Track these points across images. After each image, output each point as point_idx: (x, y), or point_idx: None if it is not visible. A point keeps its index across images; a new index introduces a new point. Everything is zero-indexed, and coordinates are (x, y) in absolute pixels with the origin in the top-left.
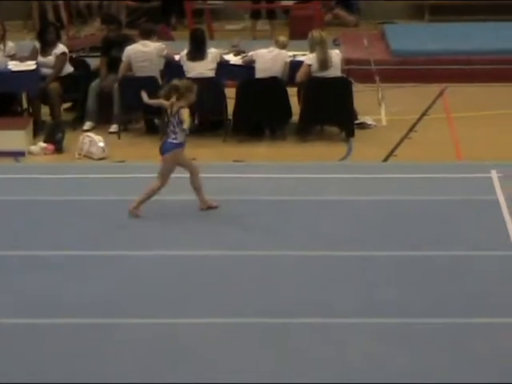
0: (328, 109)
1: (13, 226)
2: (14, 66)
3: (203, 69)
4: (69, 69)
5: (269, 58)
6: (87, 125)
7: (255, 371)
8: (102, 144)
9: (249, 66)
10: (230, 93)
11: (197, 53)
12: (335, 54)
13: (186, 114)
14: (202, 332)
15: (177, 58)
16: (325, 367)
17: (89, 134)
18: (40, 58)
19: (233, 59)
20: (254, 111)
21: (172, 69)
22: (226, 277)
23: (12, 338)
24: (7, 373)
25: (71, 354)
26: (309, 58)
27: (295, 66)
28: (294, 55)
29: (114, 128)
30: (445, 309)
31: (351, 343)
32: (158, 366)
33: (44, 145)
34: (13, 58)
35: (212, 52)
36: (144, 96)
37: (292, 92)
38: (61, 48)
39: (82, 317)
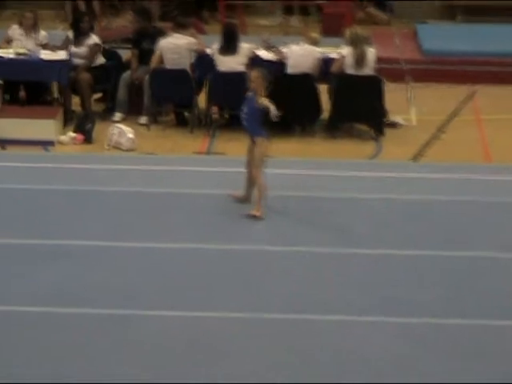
0: (358, 106)
1: (39, 214)
2: (45, 55)
3: (234, 63)
4: (100, 60)
5: (300, 55)
6: (117, 116)
7: (275, 367)
8: (131, 135)
9: (280, 62)
10: None
11: (229, 47)
12: (370, 53)
13: None
14: (223, 325)
15: (208, 51)
16: (344, 364)
17: (118, 125)
18: (73, 48)
19: (265, 55)
20: (285, 107)
21: (203, 62)
22: (247, 272)
23: (35, 326)
24: (28, 362)
25: (91, 344)
26: (345, 50)
27: (326, 62)
28: (326, 52)
29: (143, 120)
30: (465, 309)
31: (371, 341)
32: (176, 358)
33: (73, 135)
34: (45, 47)
35: (244, 47)
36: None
37: (323, 89)
38: (94, 39)
39: (103, 307)
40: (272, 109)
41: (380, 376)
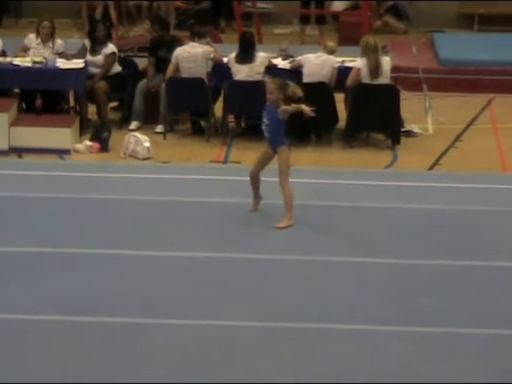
0: (375, 116)
1: (53, 223)
2: (62, 63)
3: (251, 72)
4: (117, 68)
5: (316, 63)
6: (133, 124)
7: (289, 374)
8: (147, 144)
9: (296, 71)
10: None
11: (245, 56)
12: (385, 62)
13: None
14: (238, 334)
15: (225, 60)
16: (359, 373)
17: (135, 133)
18: (89, 57)
19: (281, 63)
20: (301, 116)
21: (220, 71)
22: (261, 281)
23: (48, 335)
24: (41, 371)
25: (105, 353)
26: (359, 62)
27: (343, 71)
28: (343, 61)
29: (159, 128)
30: (485, 319)
31: (387, 350)
32: (190, 367)
33: (90, 143)
34: (61, 55)
35: (261, 56)
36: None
37: (339, 98)
38: (110, 47)
39: (118, 316)
40: (303, 108)
41: None
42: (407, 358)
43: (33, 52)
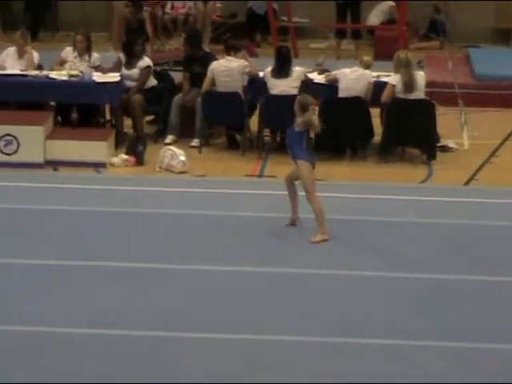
0: (410, 131)
1: (88, 236)
2: (98, 77)
3: (287, 86)
4: (152, 82)
5: (352, 78)
6: (169, 138)
7: None
8: (182, 158)
9: (332, 85)
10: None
11: (281, 70)
12: (420, 76)
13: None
14: (270, 349)
15: (261, 74)
16: None
17: (170, 147)
18: (124, 71)
19: (316, 78)
20: (336, 130)
21: (255, 85)
22: (296, 296)
23: (80, 348)
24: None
25: (138, 366)
26: (393, 78)
27: (379, 86)
28: (378, 76)
29: (195, 142)
30: None
31: (417, 365)
32: (224, 381)
33: (125, 157)
34: (97, 69)
35: (296, 70)
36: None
37: (375, 112)
38: (146, 61)
39: (150, 329)
40: (313, 122)
41: None
42: (437, 373)
43: (69, 65)
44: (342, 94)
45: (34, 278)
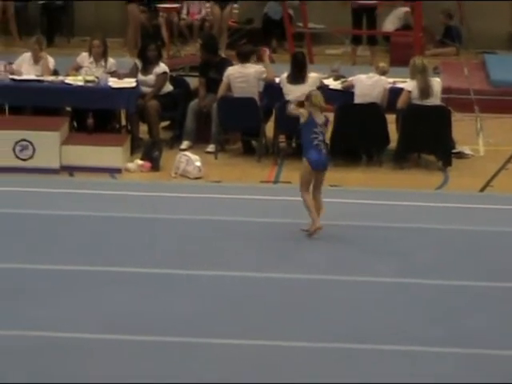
0: (426, 137)
1: (105, 241)
2: (114, 82)
3: (302, 92)
4: (168, 87)
5: (368, 84)
6: (185, 144)
7: None
8: (198, 163)
9: (348, 91)
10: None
11: (297, 76)
12: (436, 83)
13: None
14: (284, 354)
15: (277, 80)
16: None
17: (186, 153)
18: (140, 76)
19: (332, 84)
20: (351, 136)
21: (271, 91)
22: (309, 301)
23: (94, 353)
24: None
25: (146, 370)
26: (409, 84)
27: (395, 92)
28: (394, 82)
29: (211, 148)
30: None
31: (432, 371)
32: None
33: (141, 162)
34: (113, 74)
35: (312, 76)
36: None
37: (390, 119)
38: (162, 67)
39: (167, 335)
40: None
41: None
42: (449, 379)
43: (85, 71)
44: (357, 100)
45: (48, 283)
